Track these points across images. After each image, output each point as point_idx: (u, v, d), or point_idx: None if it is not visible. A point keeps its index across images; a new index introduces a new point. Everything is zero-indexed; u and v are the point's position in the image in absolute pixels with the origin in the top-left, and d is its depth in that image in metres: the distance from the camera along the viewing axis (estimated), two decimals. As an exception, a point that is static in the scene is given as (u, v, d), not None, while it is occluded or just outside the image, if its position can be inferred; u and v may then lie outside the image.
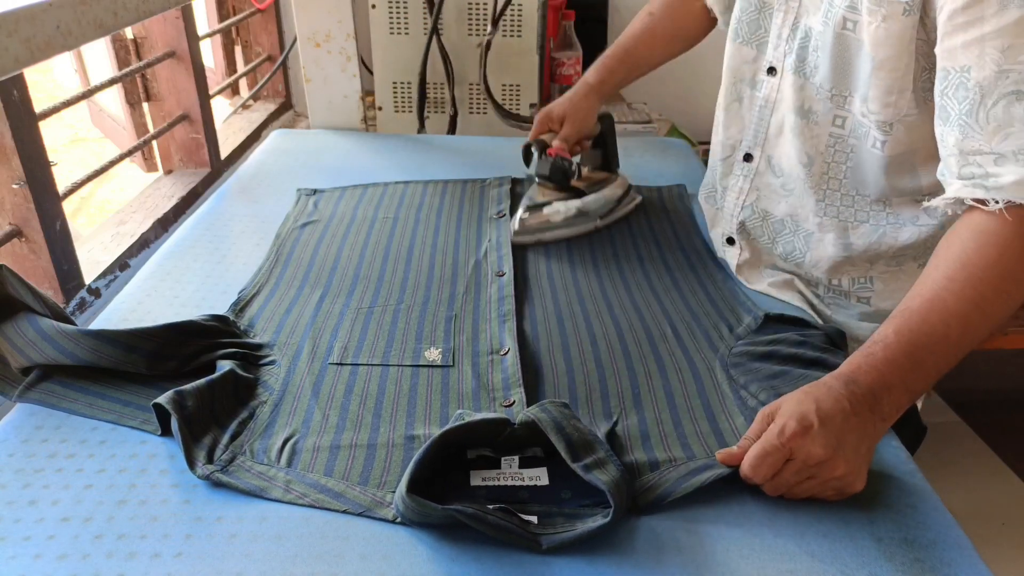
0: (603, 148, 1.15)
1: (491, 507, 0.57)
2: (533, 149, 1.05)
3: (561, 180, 1.04)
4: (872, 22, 0.74)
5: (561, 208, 1.04)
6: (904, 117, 0.78)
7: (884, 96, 0.77)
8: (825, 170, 0.86)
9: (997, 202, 0.64)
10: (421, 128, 1.60)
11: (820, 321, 0.86)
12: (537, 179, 1.06)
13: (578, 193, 1.06)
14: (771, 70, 0.89)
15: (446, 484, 0.61)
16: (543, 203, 1.04)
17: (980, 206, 0.65)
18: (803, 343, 0.77)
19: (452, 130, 1.63)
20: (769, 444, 0.59)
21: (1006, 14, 0.63)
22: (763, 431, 0.61)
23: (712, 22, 1.06)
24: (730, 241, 0.99)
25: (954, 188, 0.68)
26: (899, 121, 0.78)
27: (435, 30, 1.52)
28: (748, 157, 0.94)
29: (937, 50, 0.70)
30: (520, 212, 1.04)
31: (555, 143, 1.04)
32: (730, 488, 0.62)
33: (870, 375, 0.62)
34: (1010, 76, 0.63)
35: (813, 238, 0.91)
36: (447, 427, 0.61)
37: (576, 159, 1.08)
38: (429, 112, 1.63)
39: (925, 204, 0.75)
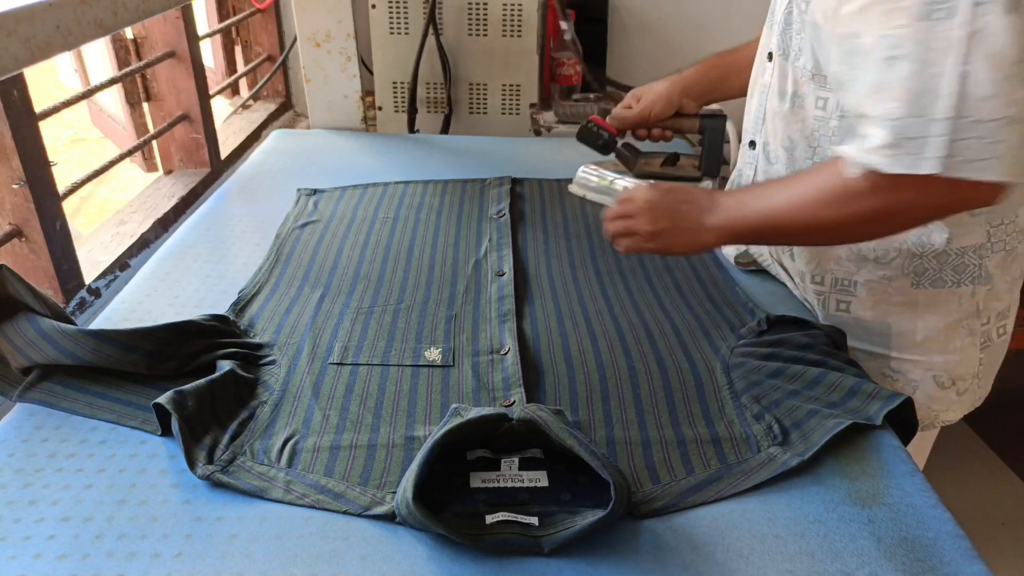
0: (704, 147, 1.14)
1: (490, 520, 0.57)
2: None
3: (594, 146, 1.12)
4: None
5: (618, 183, 1.15)
6: None
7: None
8: (810, 155, 0.84)
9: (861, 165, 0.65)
10: (411, 129, 1.60)
11: (822, 322, 0.86)
12: (615, 156, 1.15)
13: (644, 177, 1.14)
14: (769, 56, 0.88)
15: (446, 486, 0.61)
16: (613, 176, 1.16)
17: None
18: (807, 346, 0.77)
19: (445, 130, 1.63)
20: (615, 210, 0.81)
21: None
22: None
23: None
24: None
25: (837, 150, 0.69)
26: None
27: (427, 32, 1.52)
28: (752, 144, 0.94)
29: (836, 18, 0.70)
30: (584, 170, 1.19)
31: (608, 118, 1.11)
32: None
33: (717, 195, 0.76)
34: (887, 40, 0.63)
35: None
36: (447, 427, 0.61)
37: (630, 141, 1.15)
38: (426, 111, 1.63)
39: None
